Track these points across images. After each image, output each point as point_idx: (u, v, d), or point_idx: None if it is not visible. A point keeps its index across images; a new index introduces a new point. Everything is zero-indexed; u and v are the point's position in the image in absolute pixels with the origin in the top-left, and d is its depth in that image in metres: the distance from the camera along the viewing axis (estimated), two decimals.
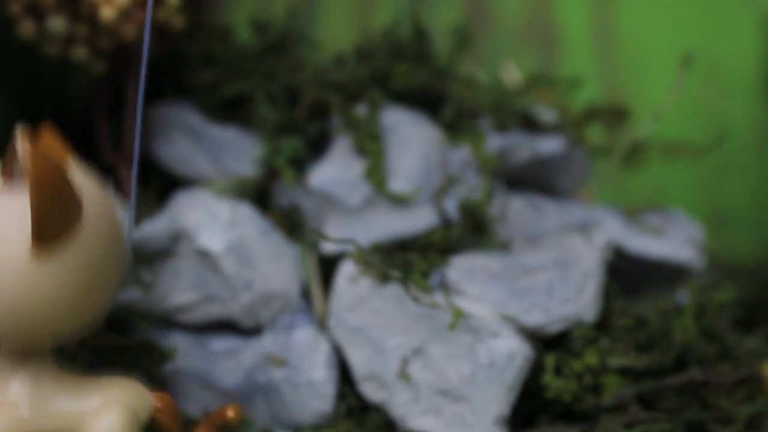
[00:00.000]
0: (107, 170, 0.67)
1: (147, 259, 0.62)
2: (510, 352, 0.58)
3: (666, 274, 0.67)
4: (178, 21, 0.65)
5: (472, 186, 0.63)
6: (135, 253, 0.62)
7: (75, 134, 0.71)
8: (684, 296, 0.67)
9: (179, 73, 0.67)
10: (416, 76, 0.66)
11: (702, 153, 0.70)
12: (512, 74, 0.75)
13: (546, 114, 0.69)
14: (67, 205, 0.41)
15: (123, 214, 0.45)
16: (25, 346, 0.46)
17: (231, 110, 0.67)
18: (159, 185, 0.66)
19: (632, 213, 0.68)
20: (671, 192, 0.89)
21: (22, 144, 0.41)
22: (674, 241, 0.67)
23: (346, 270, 0.61)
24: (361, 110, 0.64)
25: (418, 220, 0.62)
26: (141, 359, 0.60)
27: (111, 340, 0.58)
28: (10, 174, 0.42)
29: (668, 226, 0.68)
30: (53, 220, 0.41)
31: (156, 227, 0.62)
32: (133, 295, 0.61)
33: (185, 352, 0.61)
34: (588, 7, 0.89)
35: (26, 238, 0.41)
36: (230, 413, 0.53)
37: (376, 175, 0.62)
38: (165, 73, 0.67)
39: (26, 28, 0.62)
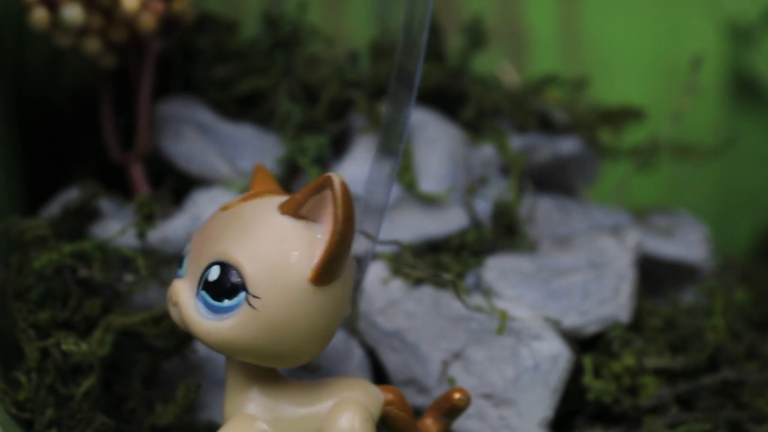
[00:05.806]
0: (113, 170, 0.65)
1: (166, 259, 0.59)
2: (554, 354, 0.57)
3: (674, 274, 0.67)
4: (190, 14, 0.63)
5: (501, 186, 0.63)
6: (154, 253, 0.59)
7: (62, 134, 0.68)
8: (689, 295, 0.67)
9: (188, 68, 0.65)
10: (435, 75, 0.65)
11: (710, 156, 0.71)
12: (510, 75, 0.74)
13: (558, 114, 0.68)
14: (348, 250, 0.47)
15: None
16: (276, 363, 0.49)
17: (243, 107, 0.65)
18: (172, 184, 0.63)
19: (640, 214, 0.69)
20: (637, 194, 0.89)
21: (337, 192, 0.46)
22: (685, 242, 0.67)
23: (376, 272, 0.59)
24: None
25: (449, 221, 0.61)
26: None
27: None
28: (297, 213, 0.47)
29: (675, 227, 0.68)
30: (338, 262, 0.47)
31: (175, 227, 0.60)
32: (152, 296, 0.59)
33: (211, 357, 0.58)
34: (555, 8, 0.89)
35: (310, 268, 0.47)
36: (457, 395, 0.52)
37: (407, 175, 0.61)
38: (173, 67, 0.65)
39: (39, 16, 0.59)
